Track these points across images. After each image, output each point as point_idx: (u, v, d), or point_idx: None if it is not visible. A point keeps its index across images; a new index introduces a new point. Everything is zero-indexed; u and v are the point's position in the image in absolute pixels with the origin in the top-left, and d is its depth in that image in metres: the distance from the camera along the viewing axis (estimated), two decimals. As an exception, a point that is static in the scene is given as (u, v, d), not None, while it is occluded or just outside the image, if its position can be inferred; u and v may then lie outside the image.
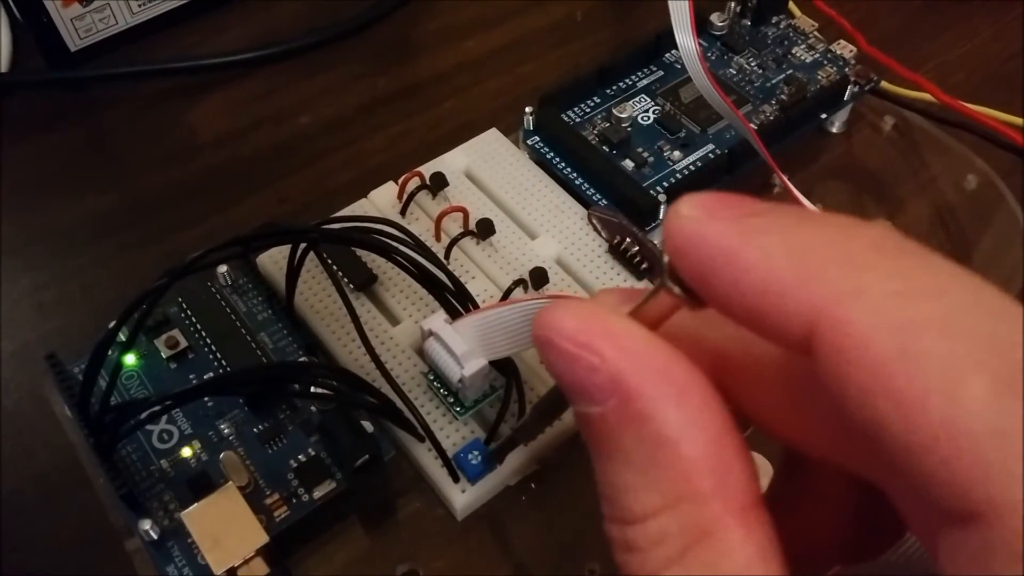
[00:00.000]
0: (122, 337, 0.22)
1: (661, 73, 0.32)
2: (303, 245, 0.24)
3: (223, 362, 0.24)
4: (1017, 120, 0.30)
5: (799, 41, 0.33)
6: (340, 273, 0.26)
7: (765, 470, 0.23)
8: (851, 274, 0.10)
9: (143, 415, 0.21)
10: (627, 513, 0.12)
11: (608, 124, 0.30)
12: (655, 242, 0.26)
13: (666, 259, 0.12)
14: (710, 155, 0.29)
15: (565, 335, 0.12)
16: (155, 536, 0.21)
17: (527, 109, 0.30)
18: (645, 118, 0.30)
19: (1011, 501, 0.09)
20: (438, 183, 0.28)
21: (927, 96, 0.31)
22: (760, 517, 0.11)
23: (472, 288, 0.25)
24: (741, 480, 0.11)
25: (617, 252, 0.27)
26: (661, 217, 0.28)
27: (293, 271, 0.24)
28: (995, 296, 0.10)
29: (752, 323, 0.11)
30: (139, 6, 0.34)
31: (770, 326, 0.11)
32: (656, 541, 0.12)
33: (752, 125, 0.29)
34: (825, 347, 0.10)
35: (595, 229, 0.28)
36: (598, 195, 0.28)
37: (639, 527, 0.12)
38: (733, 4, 0.33)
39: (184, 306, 0.25)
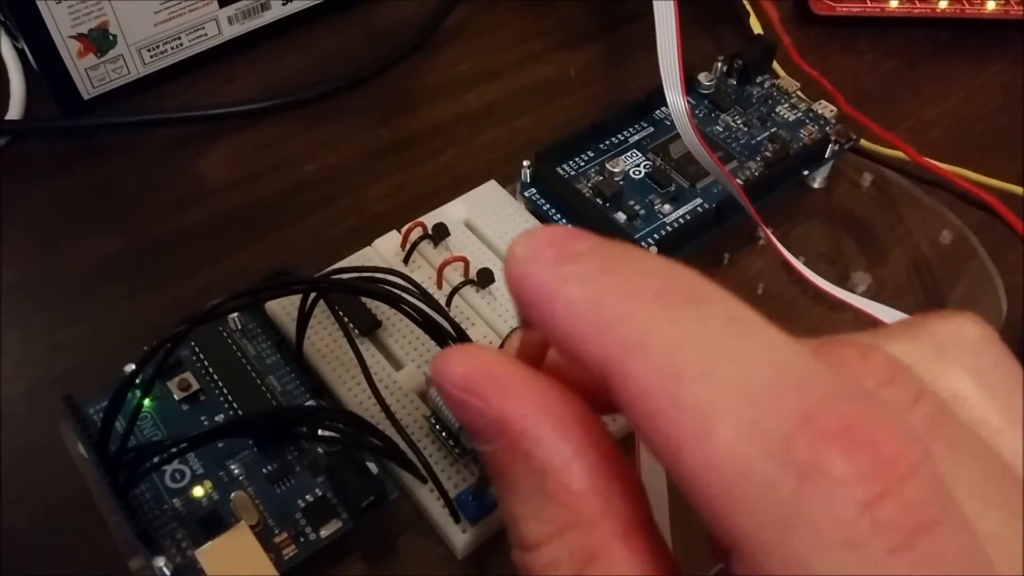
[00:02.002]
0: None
1: (651, 129, 0.34)
2: (313, 294, 0.25)
3: (234, 405, 0.25)
4: (984, 180, 0.31)
5: (783, 100, 0.35)
6: (347, 319, 0.27)
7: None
8: (636, 327, 0.11)
9: (161, 456, 0.22)
10: (523, 541, 0.13)
11: (601, 178, 0.31)
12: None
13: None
14: (698, 208, 0.31)
15: (452, 382, 0.13)
16: (168, 573, 0.22)
17: (524, 163, 0.31)
18: (637, 172, 0.32)
19: (756, 537, 0.10)
20: (440, 233, 0.29)
21: (903, 155, 0.32)
22: (646, 537, 0.12)
23: (473, 335, 0.27)
24: (624, 505, 0.12)
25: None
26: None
27: (303, 318, 0.25)
28: (761, 343, 0.11)
29: (570, 361, 0.12)
30: (151, 57, 0.36)
31: (582, 366, 0.12)
32: (549, 566, 0.12)
33: (738, 181, 0.31)
34: (615, 393, 0.11)
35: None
36: (559, 216, 0.30)
37: (534, 554, 0.13)
38: (720, 64, 0.35)
39: (196, 350, 0.26)
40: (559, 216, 0.31)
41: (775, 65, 0.36)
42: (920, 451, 0.10)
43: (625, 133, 0.33)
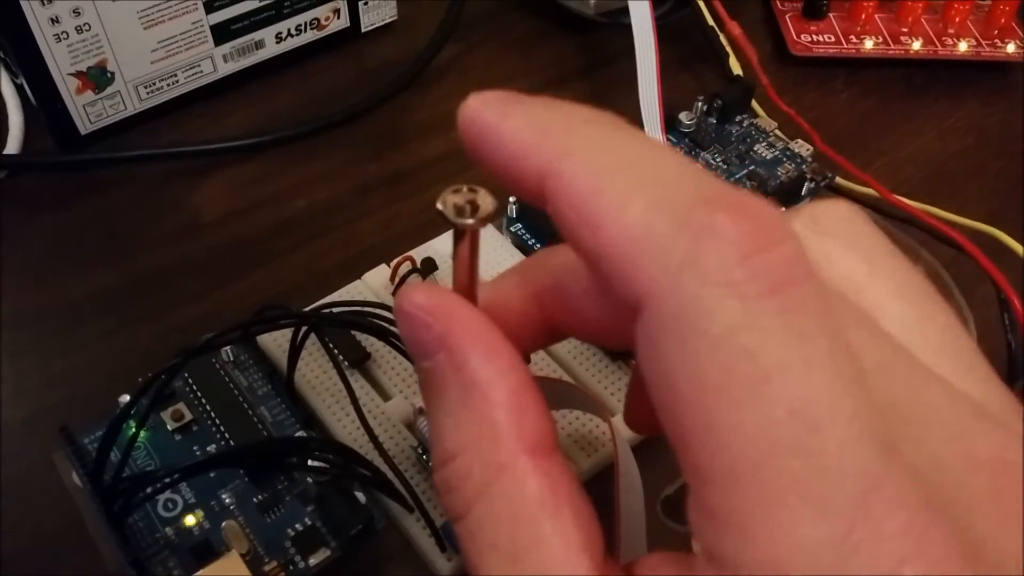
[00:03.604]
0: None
1: (634, 166, 0.35)
2: (305, 327, 0.26)
3: (226, 435, 0.26)
4: (954, 218, 0.33)
5: (761, 139, 0.36)
6: (337, 351, 0.27)
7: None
8: (568, 140, 0.13)
9: (156, 486, 0.22)
10: (442, 453, 0.14)
11: (585, 213, 0.32)
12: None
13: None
14: (679, 244, 0.32)
15: (412, 301, 0.15)
16: (160, 601, 0.23)
17: (511, 199, 0.32)
18: (619, 208, 0.33)
19: (657, 283, 0.12)
20: (428, 267, 0.30)
21: (876, 193, 0.33)
22: (552, 459, 0.14)
23: (459, 367, 0.27)
24: (535, 427, 0.14)
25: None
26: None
27: (295, 351, 0.26)
28: (670, 152, 0.13)
29: (508, 182, 0.14)
30: (148, 93, 0.37)
31: (519, 183, 0.14)
32: (464, 476, 0.14)
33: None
34: (548, 193, 0.13)
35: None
36: (537, 242, 0.31)
37: (451, 466, 0.14)
38: (700, 103, 0.36)
39: (190, 381, 0.27)
40: (544, 251, 0.32)
41: (754, 104, 0.37)
42: (792, 231, 0.12)
43: (608, 170, 0.34)
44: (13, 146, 0.36)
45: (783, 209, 0.17)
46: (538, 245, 0.32)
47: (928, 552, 0.11)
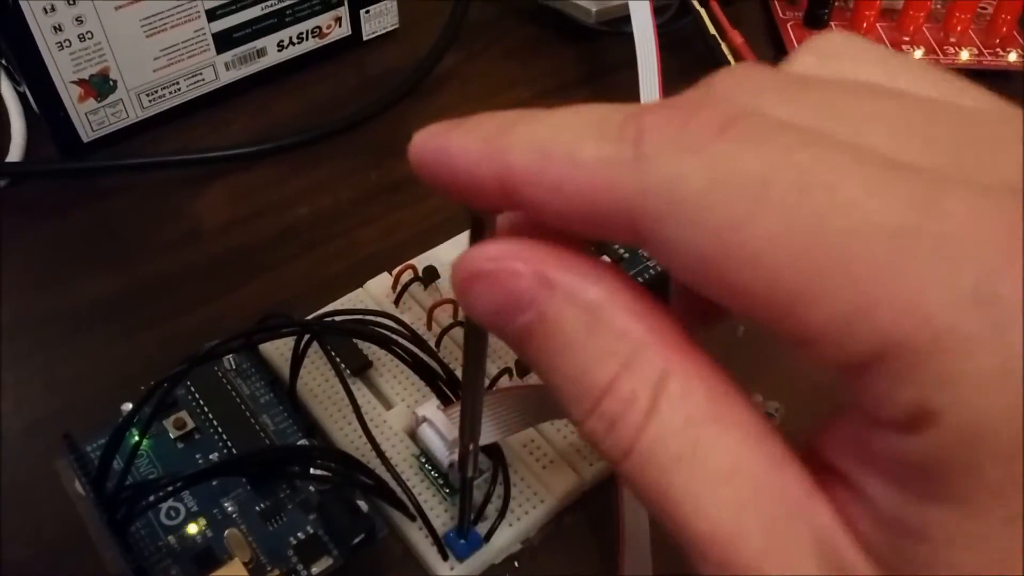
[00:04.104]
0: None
1: (635, 174, 0.35)
2: (307, 336, 0.26)
3: (228, 443, 0.26)
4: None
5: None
6: (339, 360, 0.27)
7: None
8: (509, 137, 0.14)
9: (157, 495, 0.22)
10: (594, 391, 0.13)
11: (587, 222, 0.32)
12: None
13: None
14: (680, 252, 0.32)
15: (485, 258, 0.14)
16: (162, 610, 0.23)
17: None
18: (621, 216, 0.33)
19: (618, 197, 0.12)
20: (430, 275, 0.30)
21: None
22: (699, 352, 0.13)
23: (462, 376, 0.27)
24: (669, 326, 0.13)
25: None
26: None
27: (297, 360, 0.26)
28: (595, 107, 0.14)
29: (470, 195, 0.14)
30: (150, 101, 0.37)
31: (480, 192, 0.14)
32: (629, 401, 0.13)
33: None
34: (508, 187, 0.14)
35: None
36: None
37: (609, 398, 0.13)
38: (701, 112, 0.36)
39: (192, 389, 0.27)
40: (546, 259, 0.32)
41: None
42: (710, 97, 0.13)
43: (610, 178, 0.34)
44: (15, 154, 0.36)
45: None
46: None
47: None
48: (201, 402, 0.27)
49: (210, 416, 0.26)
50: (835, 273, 0.11)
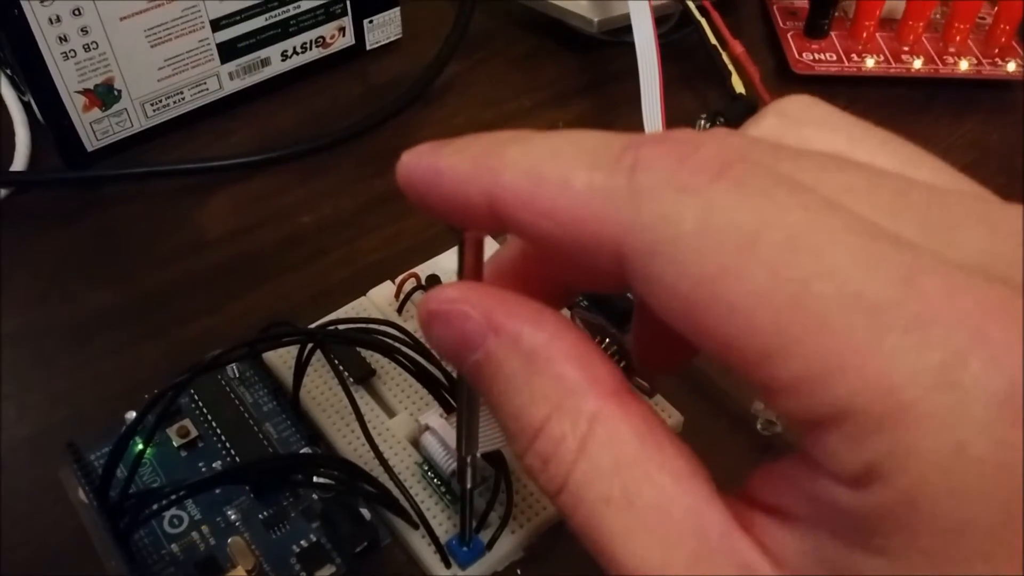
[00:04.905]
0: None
1: (637, 183, 0.35)
2: (310, 345, 0.26)
3: (231, 451, 0.26)
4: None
5: (763, 156, 0.36)
6: (342, 368, 0.27)
7: (676, 420, 0.27)
8: (499, 158, 0.14)
9: (162, 503, 0.22)
10: (529, 430, 0.14)
11: (589, 230, 0.32)
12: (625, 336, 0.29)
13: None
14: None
15: (443, 300, 0.15)
16: (166, 618, 0.23)
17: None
18: (623, 225, 0.33)
19: (615, 223, 0.13)
20: (433, 283, 0.30)
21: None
22: (634, 399, 0.14)
23: (464, 384, 0.27)
24: (606, 372, 0.14)
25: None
26: (638, 318, 0.30)
27: (300, 368, 0.26)
28: (588, 133, 0.14)
29: (459, 215, 0.15)
30: (154, 111, 0.37)
31: (469, 212, 0.14)
32: (557, 441, 0.14)
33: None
34: (498, 208, 0.14)
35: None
36: (580, 297, 0.31)
37: (541, 438, 0.14)
38: (703, 121, 0.36)
39: (195, 397, 0.27)
40: (548, 267, 0.32)
41: (756, 122, 0.37)
42: (708, 136, 0.13)
43: (612, 187, 0.35)
44: (20, 163, 0.36)
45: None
46: (583, 300, 0.31)
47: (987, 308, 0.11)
48: (205, 410, 0.27)
49: (213, 424, 0.27)
50: (812, 335, 0.11)
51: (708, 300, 0.12)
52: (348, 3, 0.40)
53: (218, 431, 0.26)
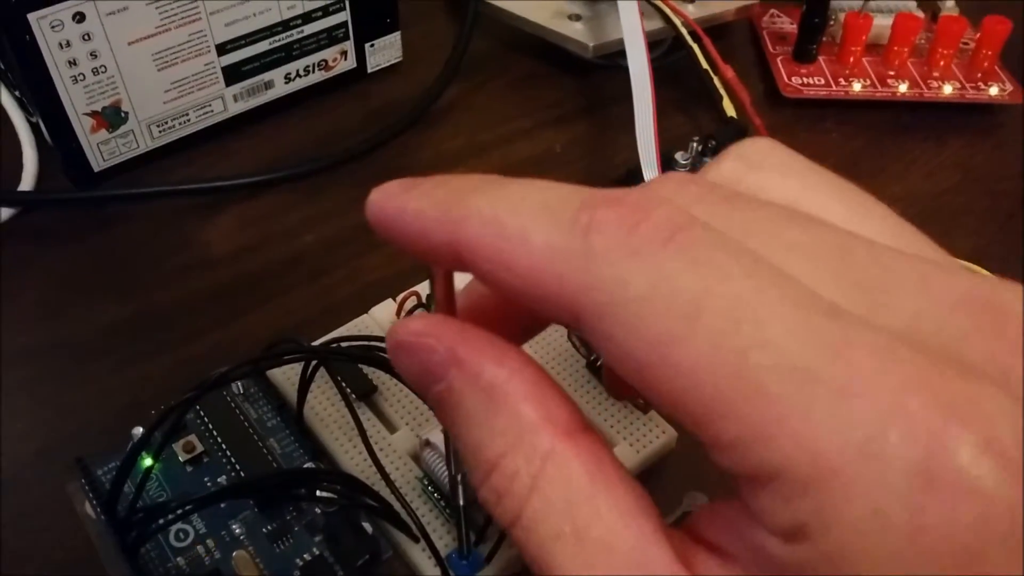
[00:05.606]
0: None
1: (632, 204, 0.36)
2: (314, 362, 0.26)
3: (236, 466, 0.27)
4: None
5: (754, 178, 0.37)
6: (344, 384, 0.28)
7: (670, 436, 0.28)
8: (463, 208, 0.15)
9: (168, 517, 0.23)
10: (485, 465, 0.15)
11: (585, 251, 0.33)
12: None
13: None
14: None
15: (409, 331, 0.16)
16: (173, 629, 0.23)
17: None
18: (618, 246, 0.34)
19: (571, 283, 0.13)
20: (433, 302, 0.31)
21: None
22: (588, 437, 0.15)
23: (463, 400, 0.28)
24: (563, 413, 0.15)
25: (594, 368, 0.30)
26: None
27: (304, 385, 0.27)
28: (549, 186, 0.14)
29: (424, 256, 0.15)
30: (160, 132, 0.38)
31: (433, 255, 0.15)
32: (511, 477, 0.14)
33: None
34: (462, 256, 0.14)
35: (574, 346, 0.31)
36: None
37: (496, 473, 0.14)
38: (696, 144, 0.37)
39: (201, 413, 0.28)
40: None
41: (747, 145, 0.38)
42: (660, 200, 0.13)
43: (607, 208, 0.35)
44: (28, 183, 0.37)
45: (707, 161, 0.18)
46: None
47: (918, 378, 0.11)
48: (210, 426, 0.28)
49: (219, 440, 0.27)
50: (748, 402, 0.12)
51: (656, 362, 0.12)
52: (350, 27, 0.41)
53: (223, 447, 0.27)
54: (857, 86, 0.42)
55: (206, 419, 0.28)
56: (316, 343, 0.29)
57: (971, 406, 0.11)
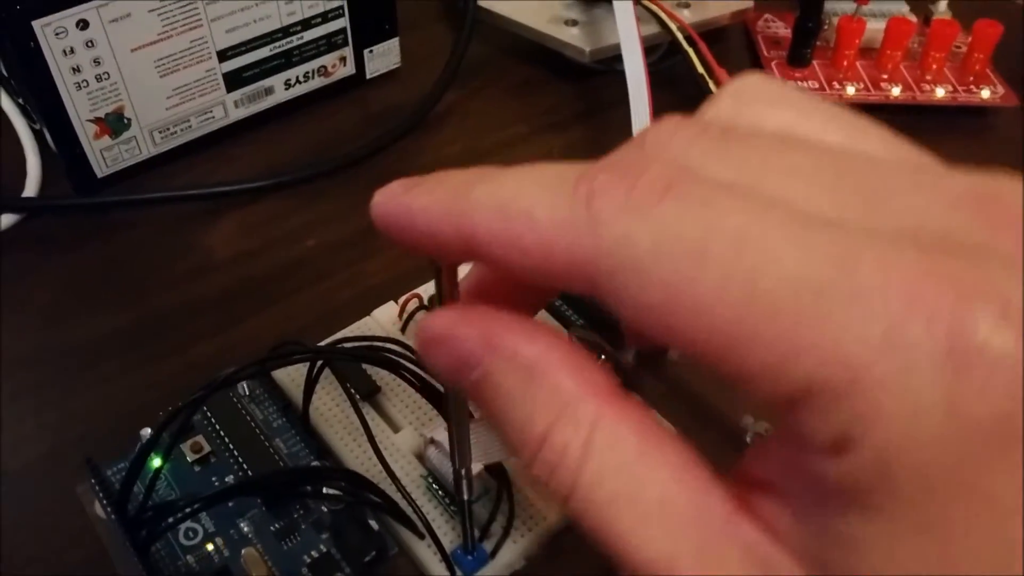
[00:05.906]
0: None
1: (630, 207, 0.36)
2: (319, 362, 0.27)
3: (243, 466, 0.27)
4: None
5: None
6: (348, 385, 0.29)
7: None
8: (468, 199, 0.15)
9: (179, 515, 0.23)
10: (533, 442, 0.15)
11: (584, 252, 0.34)
12: (622, 354, 0.30)
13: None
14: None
15: (440, 326, 0.16)
16: (183, 626, 0.23)
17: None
18: (616, 247, 0.34)
19: (580, 254, 0.14)
20: (435, 304, 0.31)
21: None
22: (626, 400, 0.15)
23: (466, 400, 0.28)
24: (600, 378, 0.15)
25: (594, 367, 0.30)
26: (632, 336, 0.31)
27: (310, 385, 0.27)
28: (548, 166, 0.15)
29: (433, 251, 0.16)
30: (162, 138, 0.38)
31: (444, 249, 0.15)
32: (562, 449, 0.14)
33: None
34: (473, 245, 0.15)
35: (574, 347, 0.31)
36: (576, 316, 0.32)
37: (546, 447, 0.15)
38: (692, 147, 0.38)
39: (208, 414, 0.28)
40: (545, 288, 0.33)
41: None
42: (653, 156, 0.14)
43: (605, 210, 0.36)
44: (31, 189, 0.37)
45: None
46: (580, 320, 0.32)
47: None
48: (217, 426, 0.28)
49: (226, 440, 0.28)
50: (767, 323, 0.12)
51: (672, 305, 0.13)
52: (349, 34, 0.41)
53: (230, 446, 0.27)
54: (851, 89, 0.43)
55: (213, 420, 0.28)
56: (320, 344, 0.29)
57: (982, 283, 0.11)
